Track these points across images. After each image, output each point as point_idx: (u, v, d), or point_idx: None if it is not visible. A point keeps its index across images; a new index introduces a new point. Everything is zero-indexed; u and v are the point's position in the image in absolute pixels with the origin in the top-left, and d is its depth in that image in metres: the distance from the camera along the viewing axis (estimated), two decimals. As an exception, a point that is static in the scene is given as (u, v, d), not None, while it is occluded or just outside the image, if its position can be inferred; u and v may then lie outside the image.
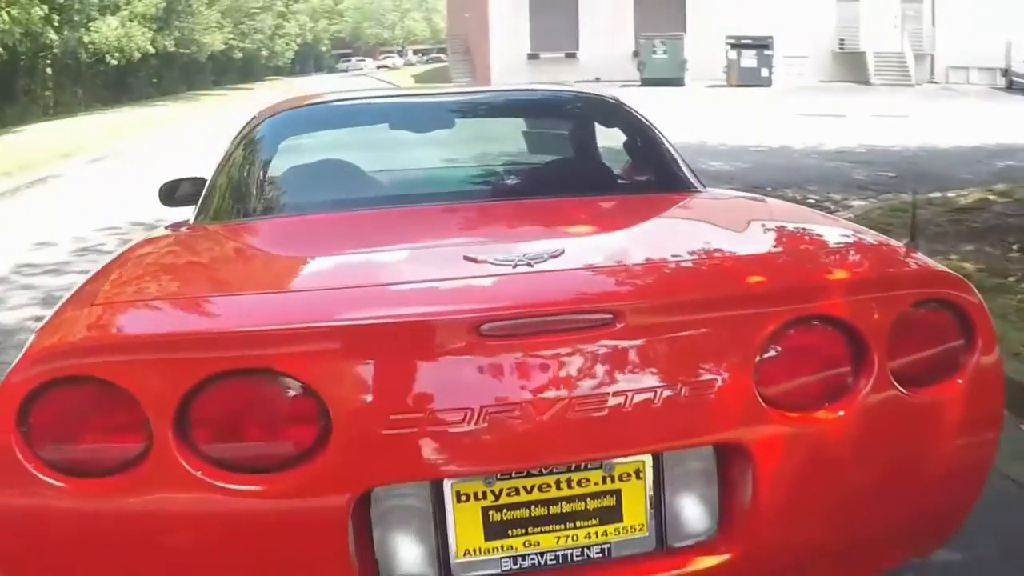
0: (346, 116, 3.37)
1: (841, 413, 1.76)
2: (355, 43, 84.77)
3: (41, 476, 1.53)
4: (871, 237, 2.23)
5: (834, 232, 2.29)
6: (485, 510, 1.64)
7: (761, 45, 32.50)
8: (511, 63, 36.12)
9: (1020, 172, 11.55)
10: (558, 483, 1.66)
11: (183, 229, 2.74)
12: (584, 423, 1.61)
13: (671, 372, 1.67)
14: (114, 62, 37.17)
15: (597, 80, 34.56)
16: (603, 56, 35.65)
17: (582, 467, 1.67)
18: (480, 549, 1.64)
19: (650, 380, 1.66)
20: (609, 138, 3.19)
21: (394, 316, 1.67)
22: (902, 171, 11.94)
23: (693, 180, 2.87)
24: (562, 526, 1.67)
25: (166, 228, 2.85)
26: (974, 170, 11.84)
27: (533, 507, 1.66)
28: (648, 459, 1.70)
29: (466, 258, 1.88)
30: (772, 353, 1.73)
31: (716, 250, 2.15)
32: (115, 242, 7.93)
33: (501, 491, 1.64)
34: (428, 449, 1.58)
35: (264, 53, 61.12)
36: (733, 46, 32.46)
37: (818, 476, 1.77)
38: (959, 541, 2.29)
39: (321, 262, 2.23)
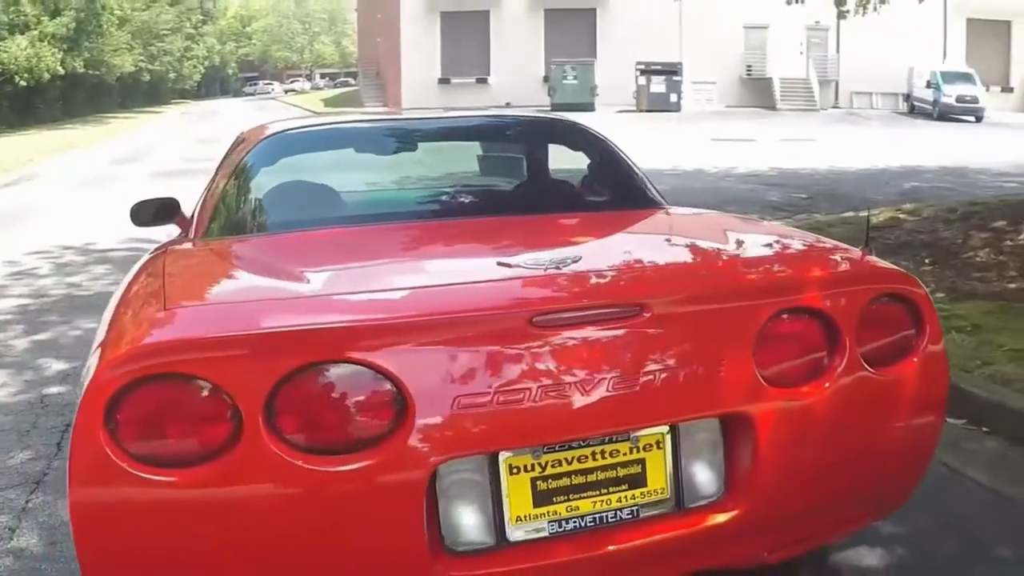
0: (344, 137, 3.61)
1: (827, 385, 2.08)
2: (263, 66, 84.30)
3: (131, 470, 1.66)
4: (831, 243, 2.60)
5: (802, 239, 2.66)
6: (533, 480, 1.89)
7: (670, 71, 33.49)
8: (422, 88, 36.61)
9: (926, 192, 12.06)
10: (593, 454, 1.92)
11: (191, 244, 2.86)
12: (616, 400, 1.88)
13: (687, 354, 1.98)
14: (23, 83, 36.09)
15: (507, 105, 34.88)
16: (514, 81, 36.29)
17: (613, 439, 1.94)
18: (530, 515, 1.89)
19: (669, 361, 1.95)
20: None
21: (460, 311, 1.90)
22: (814, 193, 12.31)
23: (661, 199, 3.24)
24: (597, 492, 1.94)
25: (168, 244, 2.98)
26: (882, 191, 12.36)
27: (573, 476, 1.92)
28: (667, 431, 1.97)
29: (500, 263, 2.16)
30: (767, 338, 2.03)
31: (710, 254, 2.50)
32: (49, 266, 7.82)
33: (547, 463, 1.89)
34: (490, 426, 1.82)
35: (172, 76, 60.45)
36: (643, 72, 33.34)
37: (806, 442, 2.08)
38: (903, 517, 2.69)
39: (371, 267, 2.48)
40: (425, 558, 1.81)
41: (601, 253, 2.59)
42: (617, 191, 3.32)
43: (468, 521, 1.87)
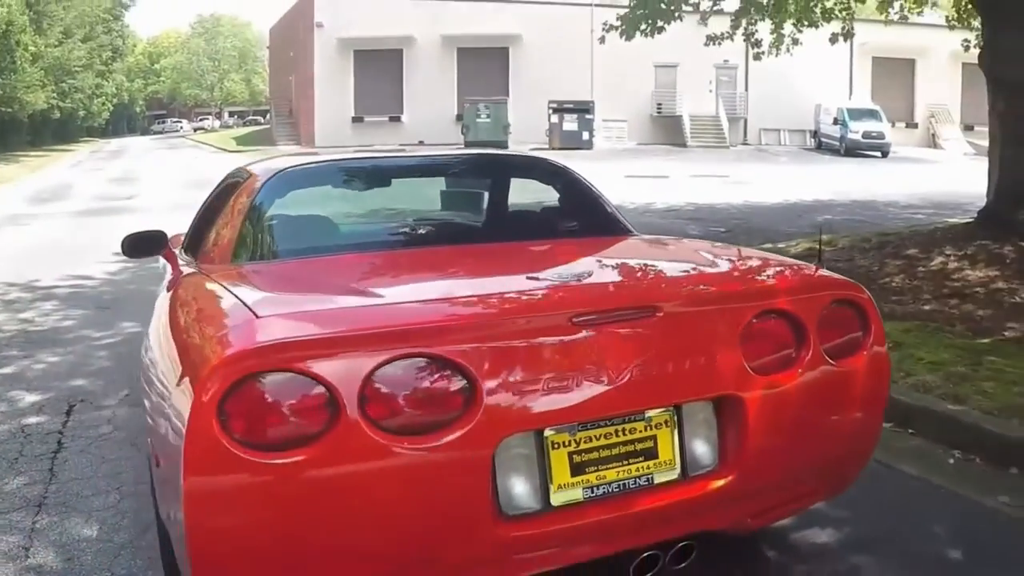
0: (358, 171, 4.02)
1: (799, 373, 2.55)
2: (172, 104, 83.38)
3: (240, 455, 1.94)
4: (790, 260, 3.14)
5: (766, 257, 3.23)
6: (570, 454, 2.27)
7: (582, 109, 34.60)
8: (336, 126, 37.03)
9: (839, 225, 12.86)
10: (615, 432, 2.33)
11: (232, 268, 3.10)
12: (634, 384, 2.30)
13: (689, 347, 2.42)
14: (-64, 120, 35.10)
15: (421, 143, 35.49)
16: (427, 119, 36.85)
17: (630, 419, 2.34)
18: (568, 483, 2.27)
19: (676, 353, 2.40)
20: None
21: (516, 313, 2.37)
22: (731, 226, 13.04)
23: (631, 227, 3.77)
24: (619, 463, 2.34)
25: (199, 270, 3.29)
26: (796, 224, 13.14)
27: (600, 450, 2.32)
28: (672, 412, 2.40)
29: (528, 277, 2.63)
30: (751, 334, 2.49)
31: (695, 268, 3.02)
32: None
33: (580, 439, 2.29)
34: (539, 408, 2.20)
35: (81, 113, 59.47)
36: (555, 110, 34.34)
37: (783, 421, 2.54)
38: (849, 502, 3.32)
39: (418, 280, 2.95)
40: (488, 521, 2.16)
41: (609, 268, 3.16)
42: (597, 219, 3.80)
43: (519, 489, 2.23)
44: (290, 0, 43.43)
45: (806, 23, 12.91)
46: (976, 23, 12.86)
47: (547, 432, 2.24)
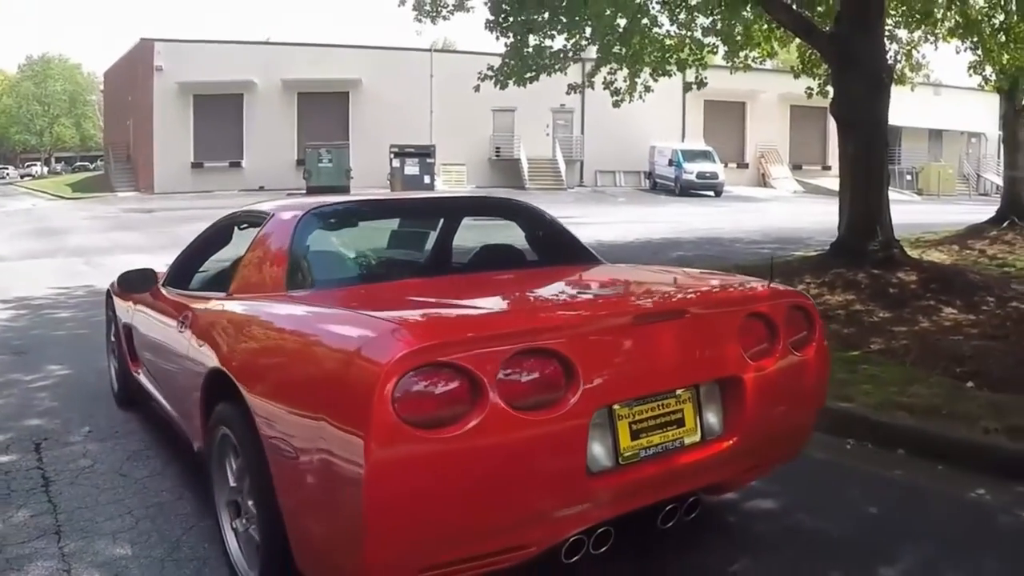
0: (381, 209, 4.93)
1: (776, 360, 3.46)
2: (-1, 149, 79.24)
3: (410, 432, 2.52)
4: (748, 277, 4.12)
5: (729, 275, 4.38)
6: (630, 424, 3.03)
7: (423, 153, 35.64)
8: (175, 171, 36.69)
9: (693, 260, 14.05)
10: (657, 406, 3.10)
11: (317, 291, 3.69)
12: (670, 368, 3.16)
13: (704, 340, 3.28)
14: None
15: (261, 189, 35.46)
16: (267, 165, 37.16)
17: (665, 396, 3.12)
18: (629, 447, 3.01)
19: (696, 343, 3.25)
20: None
21: (599, 314, 3.26)
22: None
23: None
24: (661, 430, 3.10)
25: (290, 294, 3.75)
26: (656, 260, 14.11)
27: (648, 420, 3.07)
28: (693, 390, 3.20)
29: (582, 291, 3.76)
30: (744, 330, 3.37)
31: (696, 285, 3.96)
32: None
33: (635, 412, 3.04)
34: (614, 387, 2.95)
35: None
36: (397, 154, 35.27)
37: (767, 396, 3.39)
38: (778, 479, 4.29)
39: (504, 295, 3.80)
40: (582, 477, 2.88)
41: (633, 284, 4.08)
42: (579, 251, 4.69)
43: (598, 451, 2.94)
44: (124, 42, 42.63)
45: (661, 73, 14.32)
46: (819, 71, 14.61)
47: (615, 406, 2.98)
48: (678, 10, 13.54)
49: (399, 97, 38.60)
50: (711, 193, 38.21)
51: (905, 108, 28.55)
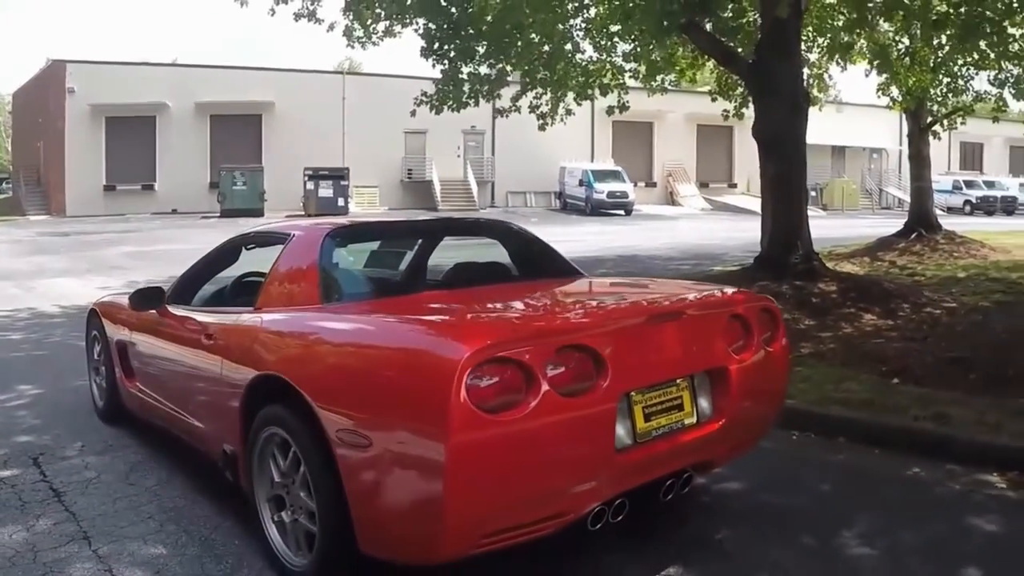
0: (399, 230, 5.70)
1: (753, 353, 4.06)
2: None
3: (480, 415, 2.98)
4: (720, 285, 4.63)
5: (704, 284, 5.03)
6: (643, 408, 3.56)
7: (337, 176, 35.98)
8: (87, 194, 36.02)
9: (619, 275, 14.98)
10: (663, 393, 3.65)
11: (339, 305, 4.08)
12: (672, 361, 3.75)
13: (698, 337, 3.88)
14: None
15: (174, 212, 35.18)
16: (181, 188, 36.86)
17: (668, 385, 3.67)
18: (644, 428, 3.56)
19: (692, 340, 3.85)
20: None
21: (622, 316, 3.89)
22: None
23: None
24: (666, 413, 3.66)
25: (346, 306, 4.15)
26: None
27: (656, 405, 3.61)
28: (689, 379, 3.76)
29: (595, 297, 4.65)
30: (727, 329, 3.99)
31: (681, 292, 4.53)
32: None
33: (646, 398, 3.58)
34: (632, 377, 3.49)
35: None
36: (311, 177, 35.53)
37: (747, 384, 3.98)
38: (737, 467, 4.84)
39: (529, 302, 4.27)
40: (611, 452, 3.39)
41: (633, 291, 4.83)
42: (566, 265, 5.21)
43: (621, 431, 3.45)
44: (31, 63, 41.64)
45: (584, 97, 14.96)
46: (735, 93, 15.46)
47: (632, 393, 3.49)
48: (599, 37, 14.18)
49: (312, 119, 38.79)
50: (621, 212, 39.24)
51: (809, 126, 29.95)
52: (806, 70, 15.41)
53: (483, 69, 13.74)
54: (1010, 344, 7.64)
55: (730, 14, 11.92)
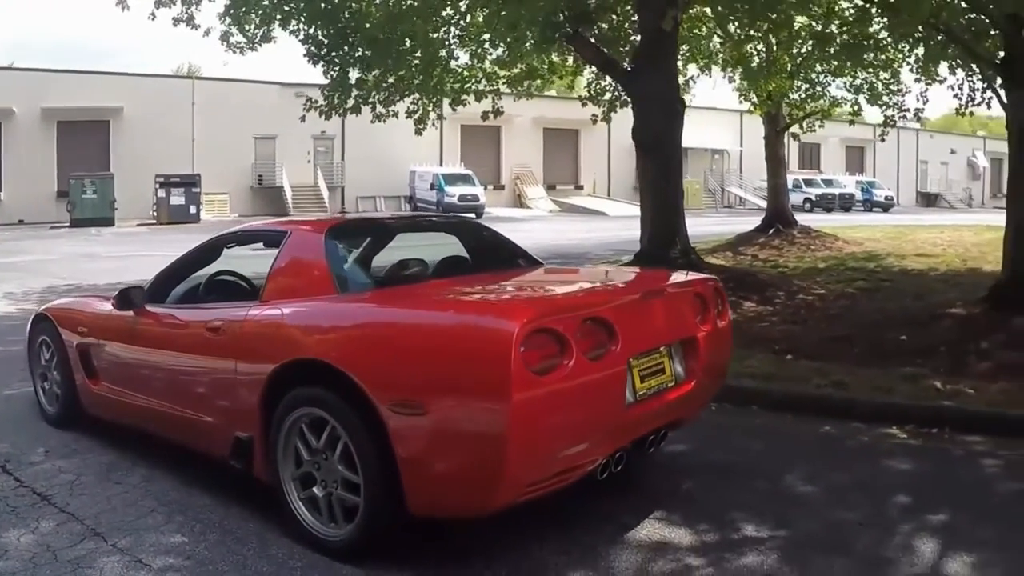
0: (394, 226, 5.97)
1: (713, 323, 4.70)
2: None
3: (533, 377, 3.46)
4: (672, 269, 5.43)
5: (660, 269, 5.73)
6: (639, 371, 4.09)
7: (189, 183, 34.98)
8: None
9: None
10: (650, 359, 4.18)
11: (359, 294, 4.43)
12: (656, 331, 4.31)
13: (674, 311, 4.52)
14: None
15: (21, 222, 33.43)
16: (27, 197, 35.07)
17: (653, 352, 4.20)
18: (640, 387, 4.09)
19: (671, 313, 4.49)
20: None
21: (625, 292, 4.60)
22: None
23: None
24: (653, 376, 4.19)
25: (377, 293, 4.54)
26: None
27: (646, 369, 4.14)
28: (668, 347, 4.33)
29: (591, 280, 5.33)
30: (693, 304, 4.64)
31: (656, 274, 5.78)
32: None
33: (641, 363, 4.10)
34: (632, 344, 3.99)
35: None
36: (162, 184, 34.41)
37: (710, 349, 4.62)
38: (679, 433, 5.16)
39: (535, 283, 4.93)
40: (623, 407, 3.96)
41: (616, 276, 5.60)
42: (527, 255, 5.67)
43: (626, 391, 3.99)
44: None
45: (459, 103, 15.41)
46: (603, 99, 16.28)
47: (631, 359, 4.00)
48: (473, 44, 14.62)
49: (162, 125, 37.62)
50: (473, 215, 39.70)
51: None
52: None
53: (367, 75, 13.92)
54: (882, 323, 8.69)
55: (606, 25, 12.62)
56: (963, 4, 8.92)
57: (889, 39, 12.53)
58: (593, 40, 12.21)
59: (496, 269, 5.35)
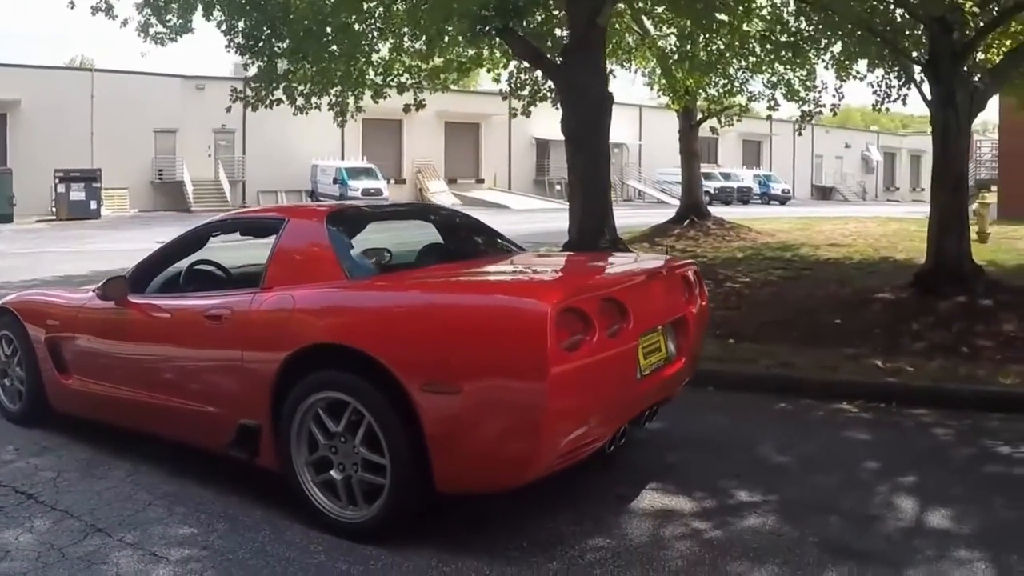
0: (393, 213, 6.11)
1: (698, 304, 5.07)
2: None
3: (564, 352, 3.65)
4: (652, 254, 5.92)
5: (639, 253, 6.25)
6: (643, 348, 4.29)
7: (89, 178, 33.82)
8: None
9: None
10: (651, 337, 4.37)
11: (375, 279, 4.54)
12: (657, 311, 4.54)
13: (668, 292, 4.82)
14: None
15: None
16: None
17: (653, 331, 4.42)
18: (644, 363, 4.30)
19: (668, 294, 4.80)
20: None
21: (633, 275, 4.80)
22: None
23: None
24: (653, 354, 4.40)
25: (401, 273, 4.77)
26: None
27: (648, 347, 4.34)
28: (663, 327, 4.55)
29: (596, 264, 5.62)
30: (683, 285, 5.00)
31: (645, 258, 6.34)
32: None
33: (644, 341, 4.29)
34: (642, 321, 4.23)
35: None
36: (61, 179, 33.18)
37: (697, 328, 5.01)
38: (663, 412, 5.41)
39: (536, 267, 5.10)
40: (635, 380, 4.21)
41: (616, 257, 6.15)
42: (510, 243, 5.84)
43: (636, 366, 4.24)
44: None
45: (381, 96, 15.48)
46: (523, 94, 16.53)
47: (639, 336, 4.23)
48: (392, 37, 14.69)
49: (60, 119, 36.44)
50: (380, 209, 39.58)
51: (553, 123, 31.66)
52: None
53: (296, 67, 13.80)
54: (814, 308, 9.17)
55: (535, 20, 12.86)
56: (891, 4, 9.47)
57: (808, 37, 13.07)
58: (522, 34, 12.40)
59: (489, 255, 5.50)
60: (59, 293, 6.22)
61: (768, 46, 13.45)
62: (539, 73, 16.52)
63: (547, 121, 20.94)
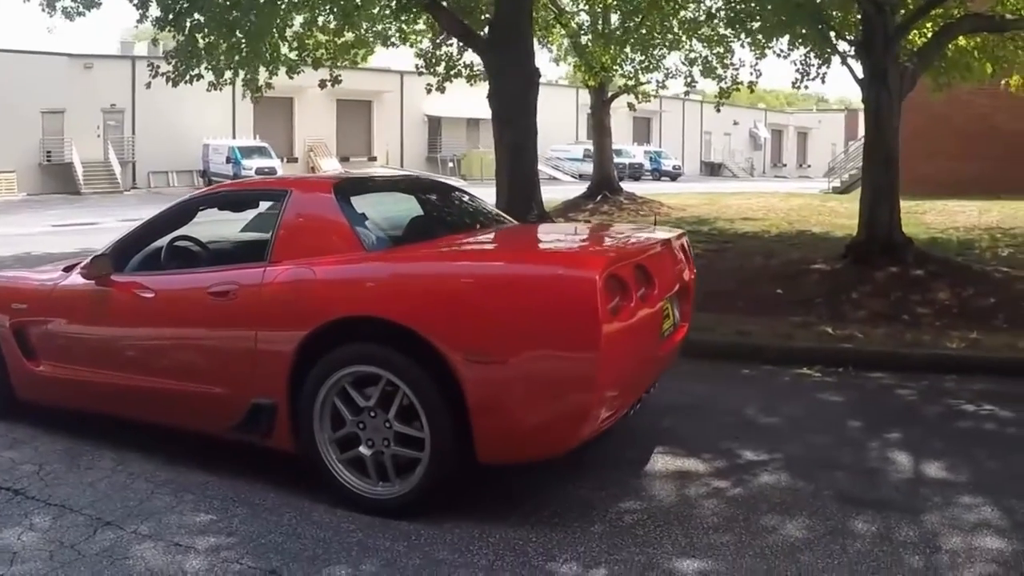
0: (388, 184, 5.94)
1: (692, 273, 5.25)
2: None
3: (608, 314, 3.72)
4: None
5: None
6: (663, 312, 4.46)
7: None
8: None
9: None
10: (664, 305, 4.47)
11: (394, 251, 4.48)
12: (671, 275, 4.75)
13: (673, 261, 4.91)
14: None
15: None
16: None
17: (666, 298, 4.51)
18: (665, 326, 4.51)
19: (674, 265, 4.90)
20: None
21: (651, 246, 4.65)
22: None
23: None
24: (666, 320, 4.56)
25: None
26: None
27: (664, 312, 4.49)
28: (671, 294, 4.66)
29: (610, 235, 5.97)
30: (681, 256, 5.11)
31: (645, 228, 5.93)
32: None
33: (664, 305, 4.46)
34: (663, 287, 4.42)
35: None
36: (-55, 164, 31.00)
37: (690, 296, 5.18)
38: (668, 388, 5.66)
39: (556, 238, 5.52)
40: (660, 344, 4.39)
41: (620, 228, 6.74)
42: (496, 215, 5.91)
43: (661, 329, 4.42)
44: None
45: (296, 71, 15.19)
46: (439, 70, 16.48)
47: (662, 301, 4.40)
48: (305, 11, 14.34)
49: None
50: (281, 187, 38.78)
51: (445, 101, 31.69)
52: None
53: (217, 42, 13.31)
54: (751, 279, 9.52)
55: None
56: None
57: (723, 15, 13.39)
58: (445, 4, 12.38)
59: (494, 226, 5.48)
60: (27, 274, 5.89)
61: (690, 24, 13.67)
62: (454, 49, 16.53)
63: (439, 99, 20.79)
